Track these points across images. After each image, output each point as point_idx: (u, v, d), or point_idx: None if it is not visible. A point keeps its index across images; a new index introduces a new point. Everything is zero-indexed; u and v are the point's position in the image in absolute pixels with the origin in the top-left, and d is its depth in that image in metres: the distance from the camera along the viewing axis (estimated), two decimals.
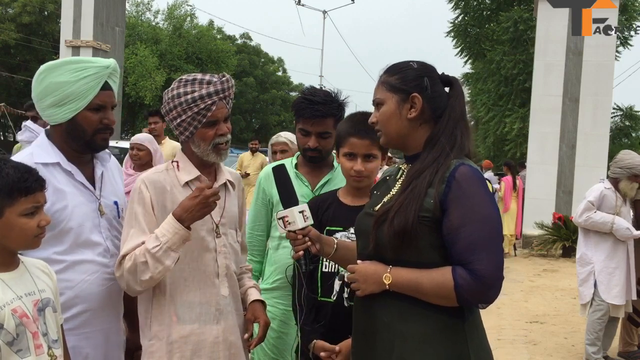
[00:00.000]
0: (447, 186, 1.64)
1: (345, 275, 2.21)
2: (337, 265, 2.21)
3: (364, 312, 1.78)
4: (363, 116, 2.25)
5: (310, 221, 1.94)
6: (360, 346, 1.81)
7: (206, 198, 1.92)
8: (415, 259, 1.66)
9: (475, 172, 1.67)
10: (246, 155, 10.20)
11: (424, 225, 1.64)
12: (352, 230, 2.19)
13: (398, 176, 1.83)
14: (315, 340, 2.16)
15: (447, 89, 1.82)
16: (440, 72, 1.82)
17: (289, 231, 1.93)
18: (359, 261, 1.78)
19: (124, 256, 1.98)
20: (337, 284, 2.21)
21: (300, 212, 1.93)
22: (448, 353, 1.64)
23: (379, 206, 1.77)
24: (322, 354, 2.11)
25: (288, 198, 2.26)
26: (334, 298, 2.21)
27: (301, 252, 1.93)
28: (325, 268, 2.24)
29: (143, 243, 1.97)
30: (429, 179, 1.66)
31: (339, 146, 2.27)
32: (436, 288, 1.62)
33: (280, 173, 2.61)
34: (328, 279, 2.23)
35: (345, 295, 2.19)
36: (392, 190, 1.79)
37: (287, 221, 1.93)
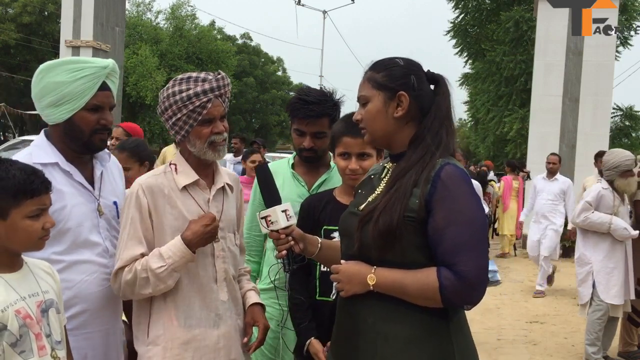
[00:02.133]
0: (433, 186, 1.61)
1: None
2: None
3: (348, 313, 1.76)
4: None
5: (294, 220, 1.92)
6: (342, 347, 1.78)
7: (215, 229, 1.98)
8: (400, 259, 1.64)
9: (461, 172, 1.65)
10: (170, 148, 9.20)
11: (408, 225, 1.62)
12: None
13: (383, 175, 1.81)
14: (311, 339, 2.16)
15: (432, 87, 1.79)
16: (426, 70, 1.80)
17: (271, 230, 1.91)
18: (342, 261, 1.76)
19: (122, 267, 1.97)
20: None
21: (283, 211, 1.90)
22: (433, 354, 1.63)
23: (363, 205, 1.75)
24: (316, 356, 2.12)
25: (270, 197, 2.22)
26: (333, 297, 2.20)
27: (284, 252, 1.91)
28: (324, 267, 2.24)
29: (142, 255, 1.97)
30: (414, 179, 1.64)
31: (334, 146, 2.27)
32: (420, 289, 1.60)
33: (262, 172, 2.60)
34: (327, 279, 2.23)
35: None
36: (377, 189, 1.77)
37: (270, 220, 1.90)
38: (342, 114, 2.52)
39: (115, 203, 2.17)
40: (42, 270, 1.75)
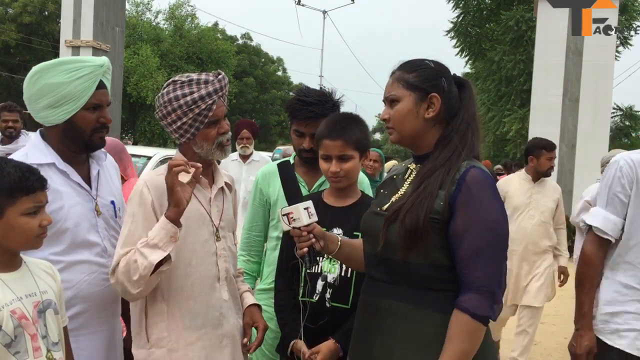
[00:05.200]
0: (457, 189, 1.64)
1: (328, 276, 2.20)
2: (321, 266, 2.21)
3: (368, 313, 1.78)
4: (337, 118, 2.27)
5: (315, 218, 1.92)
6: (360, 347, 1.80)
7: (170, 172, 1.82)
8: (423, 260, 1.66)
9: (485, 175, 1.68)
10: None
11: (433, 226, 1.64)
12: (334, 230, 2.20)
13: (406, 176, 1.83)
14: (295, 340, 2.17)
15: (458, 90, 1.81)
16: (453, 73, 1.83)
17: (293, 228, 1.90)
18: (310, 208, 1.72)
19: (118, 263, 1.93)
20: (319, 285, 2.20)
21: (305, 208, 1.89)
22: None
23: (387, 205, 1.77)
24: (302, 355, 2.13)
25: (293, 194, 2.22)
26: (316, 298, 2.20)
27: (305, 249, 1.90)
28: (309, 269, 2.23)
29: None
30: (441, 180, 1.67)
31: (317, 149, 2.27)
32: (466, 337, 1.60)
33: (285, 169, 2.60)
34: (311, 280, 2.22)
35: (328, 295, 2.19)
36: (401, 189, 1.79)
37: (292, 218, 1.89)
38: None
39: (112, 202, 2.17)
40: (43, 270, 1.74)
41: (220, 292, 2.06)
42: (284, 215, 1.91)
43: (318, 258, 1.95)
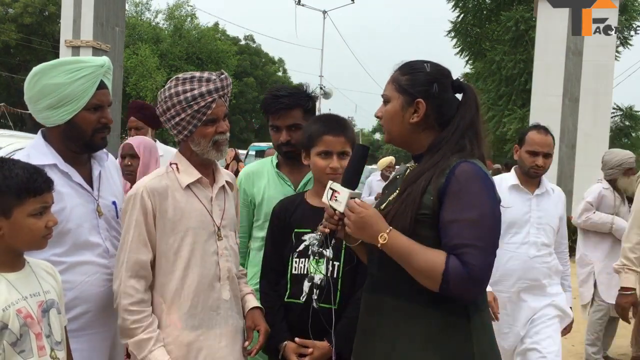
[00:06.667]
0: (447, 181, 1.63)
1: (315, 277, 2.18)
2: (307, 267, 2.20)
3: (369, 311, 1.78)
4: (331, 116, 2.30)
5: None
6: (361, 344, 1.81)
7: None
8: None
9: (476, 168, 1.65)
10: None
11: (425, 223, 1.64)
12: None
13: (405, 176, 1.83)
14: (286, 342, 2.17)
15: (459, 96, 1.79)
16: (455, 78, 1.80)
17: (330, 206, 1.82)
18: (357, 201, 1.71)
19: (129, 276, 1.96)
20: (306, 286, 2.20)
21: (352, 197, 1.80)
22: (450, 353, 1.63)
23: (384, 205, 1.78)
24: (291, 356, 2.13)
25: (349, 178, 2.07)
26: (303, 299, 2.19)
27: (327, 230, 1.84)
28: (295, 270, 2.23)
29: (145, 260, 1.98)
30: (424, 185, 1.66)
31: (310, 146, 2.24)
32: (425, 266, 1.60)
33: (361, 152, 2.37)
34: (298, 281, 2.22)
35: (315, 297, 2.18)
36: (398, 189, 1.79)
37: (335, 197, 1.80)
38: (329, 110, 2.51)
39: (114, 203, 2.17)
40: (44, 270, 1.76)
41: (221, 292, 2.06)
42: (331, 188, 1.83)
43: (332, 241, 1.91)
